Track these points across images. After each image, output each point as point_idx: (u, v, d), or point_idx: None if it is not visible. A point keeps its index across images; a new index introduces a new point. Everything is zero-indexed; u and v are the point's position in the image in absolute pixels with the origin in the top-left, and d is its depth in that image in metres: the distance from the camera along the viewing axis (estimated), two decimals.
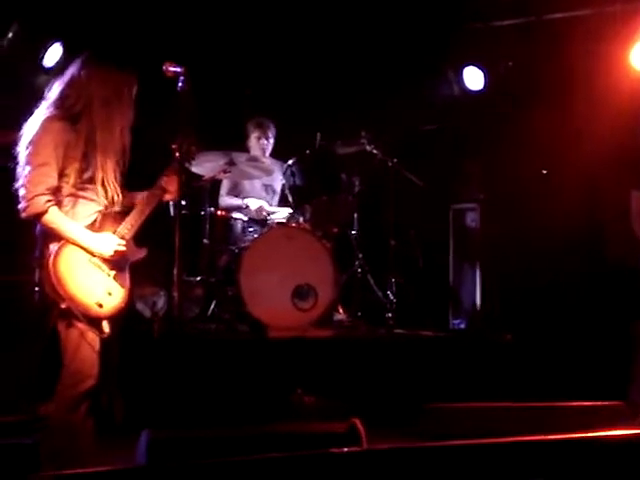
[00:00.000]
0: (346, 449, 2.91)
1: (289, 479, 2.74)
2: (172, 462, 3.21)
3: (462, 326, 7.19)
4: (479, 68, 7.26)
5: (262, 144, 7.14)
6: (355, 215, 7.03)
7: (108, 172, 4.14)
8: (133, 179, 4.32)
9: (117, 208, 4.22)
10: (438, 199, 7.45)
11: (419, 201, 7.28)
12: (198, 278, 6.74)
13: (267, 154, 7.19)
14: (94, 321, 4.01)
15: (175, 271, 6.21)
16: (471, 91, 7.34)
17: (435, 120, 7.49)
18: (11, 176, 4.06)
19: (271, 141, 7.19)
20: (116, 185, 4.18)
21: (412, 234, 7.45)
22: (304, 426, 3.80)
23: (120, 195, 4.22)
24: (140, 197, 4.29)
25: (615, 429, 2.97)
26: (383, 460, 2.88)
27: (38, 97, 4.17)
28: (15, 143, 4.09)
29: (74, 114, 4.07)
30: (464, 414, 5.13)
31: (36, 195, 3.92)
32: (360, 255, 6.98)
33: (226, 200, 7.15)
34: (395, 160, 6.98)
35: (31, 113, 4.13)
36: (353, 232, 7.03)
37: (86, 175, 4.08)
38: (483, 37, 7.10)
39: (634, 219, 5.34)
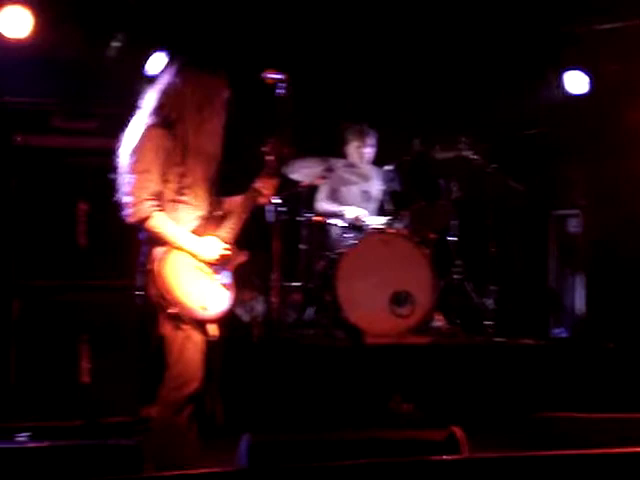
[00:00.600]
0: (445, 456, 2.88)
1: None
2: (272, 465, 3.22)
3: (563, 334, 7.04)
4: (583, 72, 7.12)
5: (362, 153, 7.11)
6: (453, 221, 6.97)
7: (202, 177, 4.20)
8: (232, 184, 4.37)
9: (216, 213, 4.28)
10: (539, 205, 7.32)
11: (519, 207, 7.17)
12: (296, 283, 6.77)
13: (366, 162, 7.17)
14: (200, 324, 4.07)
15: (274, 276, 6.34)
16: (574, 95, 7.19)
17: (536, 124, 7.36)
18: (113, 184, 4.16)
19: (371, 149, 7.16)
20: (210, 189, 4.25)
21: (512, 241, 7.34)
22: (402, 433, 3.77)
23: (215, 199, 4.29)
24: (237, 201, 4.33)
25: None
26: (484, 469, 2.84)
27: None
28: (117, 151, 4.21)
29: (171, 121, 4.13)
30: (569, 424, 5.02)
31: (141, 200, 3.99)
32: (459, 261, 6.91)
33: (323, 205, 7.16)
34: (494, 165, 6.89)
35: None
36: (451, 238, 6.96)
37: (186, 181, 4.14)
38: (588, 40, 6.95)
39: None
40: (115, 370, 5.26)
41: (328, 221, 6.93)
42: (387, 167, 6.90)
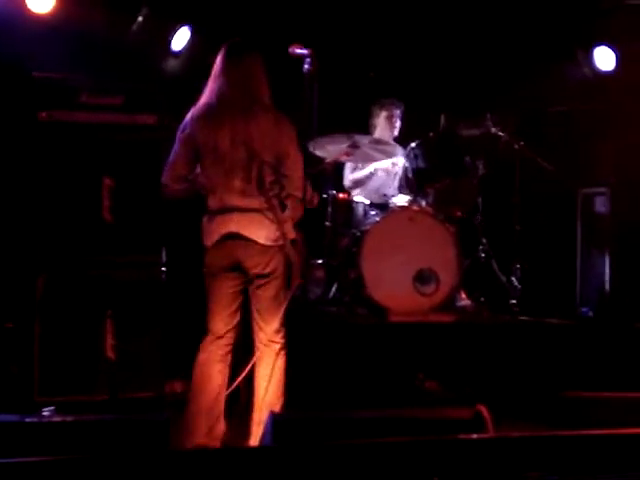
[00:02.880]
0: (475, 435, 2.86)
1: (416, 464, 2.71)
2: (297, 443, 3.21)
3: (590, 314, 6.99)
4: (611, 48, 7.03)
5: (393, 123, 7.10)
6: (479, 199, 6.92)
7: None
8: None
9: None
10: (566, 183, 7.26)
11: (546, 185, 7.11)
12: (320, 260, 6.75)
13: (396, 133, 7.14)
14: None
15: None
16: (603, 72, 7.11)
17: (564, 102, 7.28)
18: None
19: (399, 121, 7.13)
20: None
21: (539, 219, 7.30)
22: (428, 411, 3.75)
23: None
24: None
25: None
26: (514, 448, 2.83)
27: (167, 81, 4.25)
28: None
29: None
30: (597, 403, 4.99)
31: None
32: (484, 240, 6.87)
33: (350, 177, 7.14)
34: (522, 143, 6.83)
35: (162, 97, 4.25)
36: (477, 216, 6.92)
37: None
38: (616, 16, 6.86)
39: None
40: (140, 346, 5.27)
41: (353, 198, 6.91)
42: (412, 144, 6.85)
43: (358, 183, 7.08)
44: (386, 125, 7.11)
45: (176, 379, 5.54)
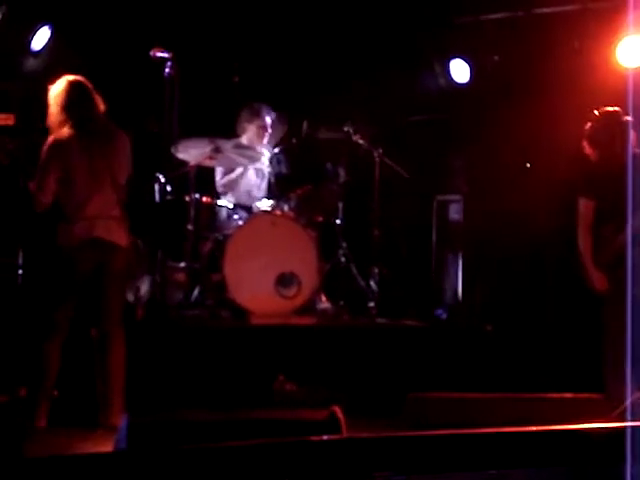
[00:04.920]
0: (326, 437, 2.93)
1: (268, 466, 2.76)
2: (152, 447, 3.23)
3: (444, 316, 7.21)
4: (465, 61, 7.27)
5: (265, 132, 7.02)
6: (340, 205, 7.04)
7: None
8: None
9: None
10: (423, 190, 7.47)
11: (404, 192, 7.31)
12: (182, 264, 6.73)
13: (266, 141, 7.09)
14: None
15: (159, 256, 6.29)
16: (457, 84, 7.35)
17: (421, 112, 7.50)
18: None
19: (270, 128, 7.07)
20: None
21: (396, 225, 7.48)
22: (284, 413, 3.81)
23: None
24: None
25: (593, 422, 3.00)
26: (363, 448, 2.90)
27: (26, 80, 4.19)
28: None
29: None
30: (446, 404, 5.18)
31: None
32: (344, 244, 6.99)
33: (222, 182, 7.10)
34: (381, 150, 6.99)
35: (20, 97, 4.20)
36: (337, 221, 7.04)
37: None
38: (470, 30, 7.12)
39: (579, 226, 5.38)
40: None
41: (216, 202, 6.90)
42: (275, 149, 6.91)
43: (229, 186, 7.06)
44: (258, 133, 7.04)
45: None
